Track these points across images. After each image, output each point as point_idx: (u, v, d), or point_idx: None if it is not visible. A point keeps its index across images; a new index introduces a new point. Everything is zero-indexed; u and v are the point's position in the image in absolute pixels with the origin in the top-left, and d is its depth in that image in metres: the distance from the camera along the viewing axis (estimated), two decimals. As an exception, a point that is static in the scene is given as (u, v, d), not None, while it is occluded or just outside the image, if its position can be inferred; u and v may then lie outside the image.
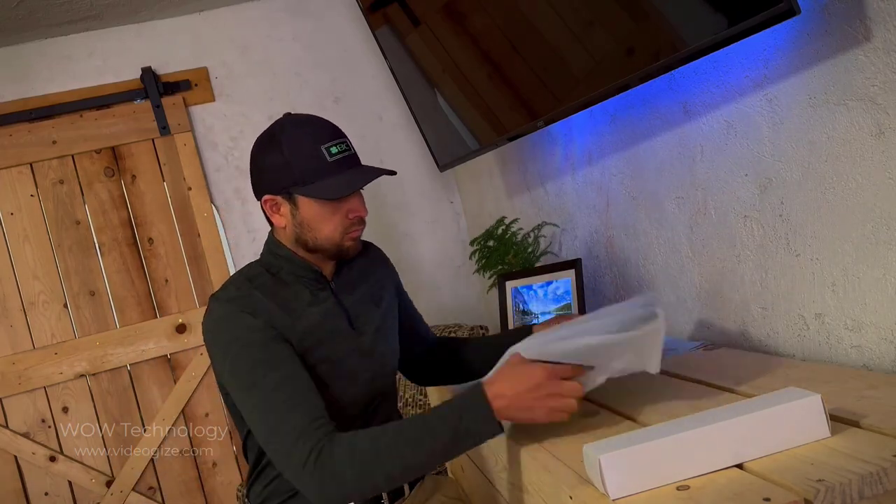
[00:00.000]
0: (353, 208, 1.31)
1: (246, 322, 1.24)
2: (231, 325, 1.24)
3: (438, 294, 3.02)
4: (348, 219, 1.31)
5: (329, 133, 1.30)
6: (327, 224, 1.30)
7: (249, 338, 1.23)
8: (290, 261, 1.34)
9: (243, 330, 1.23)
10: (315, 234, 1.30)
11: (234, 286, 1.30)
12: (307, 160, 1.26)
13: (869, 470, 0.78)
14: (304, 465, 1.11)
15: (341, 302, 1.37)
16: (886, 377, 1.09)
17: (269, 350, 1.23)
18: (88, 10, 2.52)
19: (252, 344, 1.23)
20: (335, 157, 1.27)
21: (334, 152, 1.28)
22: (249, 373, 1.21)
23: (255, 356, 1.22)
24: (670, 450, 0.88)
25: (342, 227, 1.31)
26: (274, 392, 1.18)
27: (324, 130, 1.30)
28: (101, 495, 2.63)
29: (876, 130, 1.09)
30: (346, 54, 2.92)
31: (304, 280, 1.34)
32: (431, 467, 1.14)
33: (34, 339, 2.62)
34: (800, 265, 1.31)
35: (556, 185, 2.19)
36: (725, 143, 1.43)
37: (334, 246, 1.32)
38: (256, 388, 1.20)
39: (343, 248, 1.33)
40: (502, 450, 1.28)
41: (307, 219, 1.30)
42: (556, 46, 1.64)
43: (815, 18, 1.14)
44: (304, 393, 1.19)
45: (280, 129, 1.30)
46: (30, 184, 2.64)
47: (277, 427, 1.16)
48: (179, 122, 2.75)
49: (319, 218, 1.29)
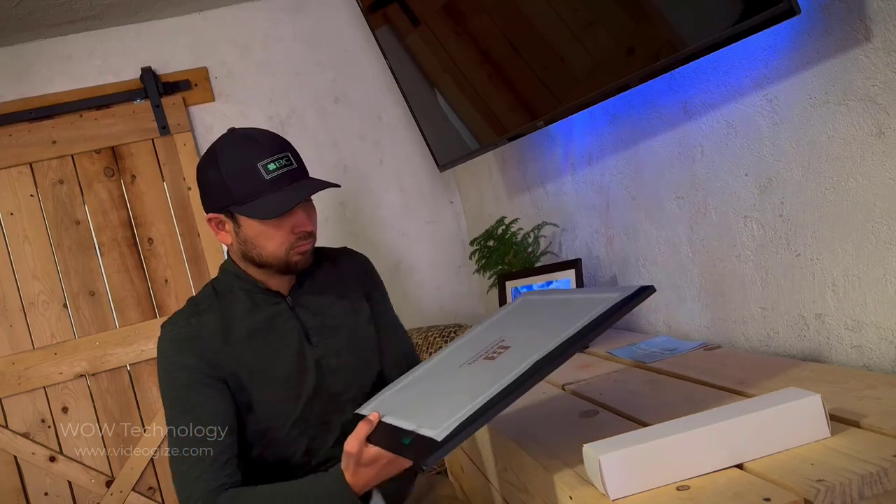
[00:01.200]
0: (297, 223, 1.28)
1: (178, 357, 1.28)
2: (166, 358, 1.29)
3: (438, 294, 3.02)
4: (293, 234, 1.28)
5: (268, 149, 1.27)
6: (271, 241, 1.28)
7: (178, 375, 1.27)
8: (239, 277, 1.35)
9: (175, 364, 1.28)
10: (260, 251, 1.29)
11: (175, 317, 1.33)
12: (243, 179, 1.25)
13: (869, 470, 0.78)
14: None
15: (297, 315, 1.36)
16: (886, 377, 1.09)
17: (193, 393, 1.26)
18: (88, 10, 2.52)
19: (178, 383, 1.27)
20: (273, 174, 1.25)
21: (272, 169, 1.25)
22: (171, 409, 1.27)
23: (178, 395, 1.27)
24: (670, 450, 0.88)
25: (287, 243, 1.29)
26: (183, 438, 1.24)
27: (262, 147, 1.27)
28: (101, 495, 2.63)
29: (876, 130, 1.09)
30: (346, 54, 2.92)
31: (255, 296, 1.35)
32: None
33: (34, 339, 2.62)
34: (800, 265, 1.31)
35: (556, 185, 2.19)
36: (725, 143, 1.43)
37: (280, 262, 1.30)
38: (172, 427, 1.26)
39: (291, 264, 1.31)
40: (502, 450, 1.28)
41: (250, 237, 1.29)
42: (556, 46, 1.64)
43: (815, 18, 1.14)
44: (209, 445, 1.23)
45: (219, 148, 1.29)
46: (29, 184, 2.64)
47: (177, 472, 1.24)
48: (179, 122, 2.74)
49: (262, 236, 1.28)
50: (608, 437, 0.94)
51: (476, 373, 1.05)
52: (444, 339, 2.48)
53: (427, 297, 3.00)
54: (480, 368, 1.06)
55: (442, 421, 0.93)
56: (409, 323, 2.94)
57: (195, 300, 1.36)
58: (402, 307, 3.00)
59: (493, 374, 0.99)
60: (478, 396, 0.94)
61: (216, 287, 1.37)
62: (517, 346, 1.06)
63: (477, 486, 1.59)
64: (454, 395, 1.01)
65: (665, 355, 1.52)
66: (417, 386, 1.16)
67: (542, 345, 0.99)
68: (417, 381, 1.18)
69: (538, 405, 1.39)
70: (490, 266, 2.27)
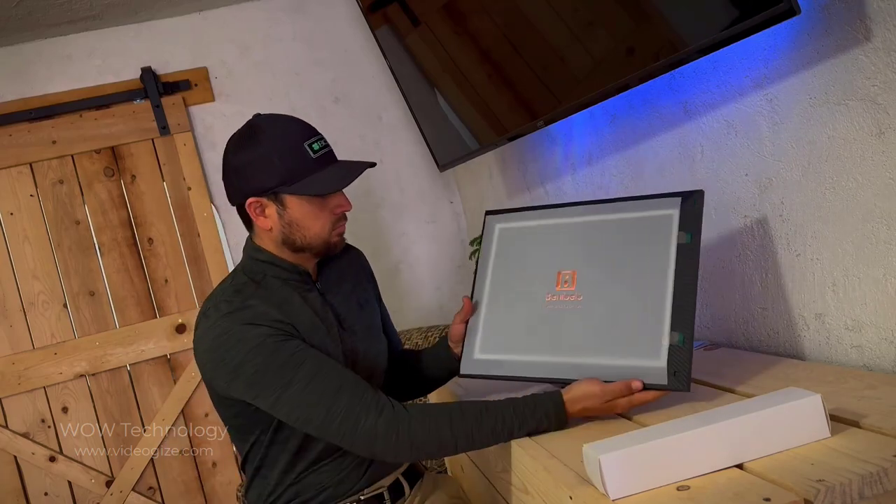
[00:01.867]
0: (339, 203, 1.31)
1: (252, 332, 1.21)
2: (239, 338, 1.21)
3: (438, 294, 3.02)
4: (335, 214, 1.31)
5: (308, 130, 1.30)
6: (316, 221, 1.29)
7: (263, 345, 1.20)
8: (273, 264, 1.33)
9: (254, 339, 1.21)
10: (304, 232, 1.30)
11: (225, 301, 1.26)
12: (293, 158, 1.25)
13: (869, 470, 0.78)
14: (375, 435, 1.17)
15: (329, 302, 1.37)
16: (886, 377, 1.09)
17: (287, 349, 1.21)
18: (88, 10, 2.52)
19: (269, 351, 1.20)
20: (318, 154, 1.28)
21: (316, 149, 1.28)
22: (280, 376, 1.20)
23: (278, 360, 1.20)
24: (670, 450, 0.88)
25: (330, 223, 1.31)
26: (312, 383, 1.19)
27: (303, 128, 1.30)
28: (101, 495, 2.63)
29: (876, 130, 1.09)
30: (346, 54, 2.92)
31: (290, 282, 1.33)
32: (490, 441, 1.19)
33: (34, 340, 2.62)
34: (800, 265, 1.31)
35: (556, 185, 2.19)
36: (725, 143, 1.43)
37: (323, 243, 1.32)
38: (294, 386, 1.19)
39: (331, 245, 1.33)
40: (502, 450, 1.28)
41: (296, 218, 1.29)
42: (556, 46, 1.63)
43: (815, 18, 1.14)
44: (339, 373, 1.22)
45: (258, 128, 1.28)
46: (29, 184, 2.64)
47: (331, 413, 1.18)
48: (179, 122, 2.74)
49: (309, 216, 1.29)
50: (608, 437, 0.94)
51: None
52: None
53: (427, 297, 3.00)
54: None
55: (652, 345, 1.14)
56: (410, 322, 2.94)
57: (235, 287, 1.30)
58: (402, 307, 3.01)
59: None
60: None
61: (248, 275, 1.32)
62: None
63: (477, 486, 1.59)
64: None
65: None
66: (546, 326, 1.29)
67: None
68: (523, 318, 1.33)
69: (538, 405, 1.39)
70: (490, 266, 2.26)
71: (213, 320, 1.24)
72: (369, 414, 1.17)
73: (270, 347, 1.21)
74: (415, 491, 1.46)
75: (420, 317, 2.96)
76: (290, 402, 1.20)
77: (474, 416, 1.18)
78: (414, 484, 1.46)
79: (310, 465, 1.33)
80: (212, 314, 1.25)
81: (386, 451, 1.19)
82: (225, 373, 1.24)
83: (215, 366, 1.25)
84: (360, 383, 1.21)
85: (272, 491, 1.36)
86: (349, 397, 1.18)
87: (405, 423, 1.17)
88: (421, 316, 2.97)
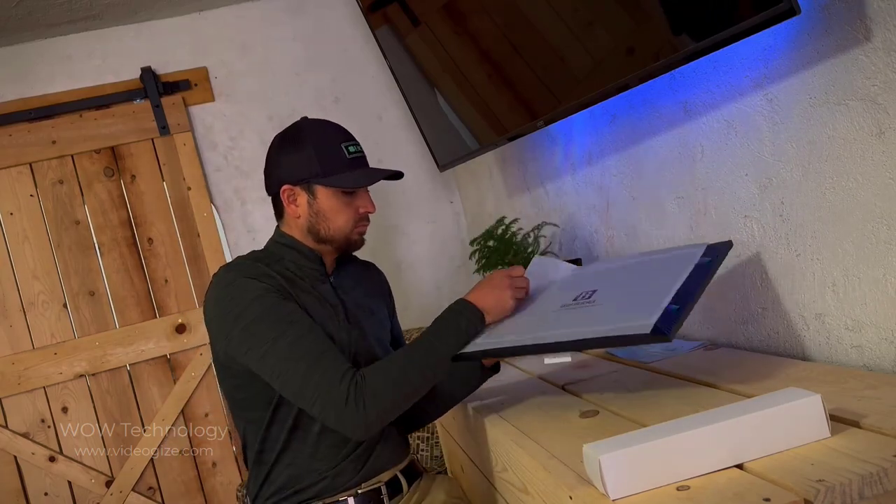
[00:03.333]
0: (363, 204, 1.42)
1: (256, 286, 1.31)
2: (243, 290, 1.31)
3: (438, 294, 3.02)
4: (359, 213, 1.42)
5: (346, 135, 1.43)
6: (341, 216, 1.40)
7: (264, 297, 1.30)
8: (294, 248, 1.43)
9: (256, 292, 1.30)
10: (329, 223, 1.40)
11: (237, 262, 1.38)
12: (330, 155, 1.38)
13: (869, 470, 0.78)
14: (346, 402, 1.22)
15: (339, 296, 1.44)
16: (886, 377, 1.09)
17: (285, 306, 1.30)
18: (88, 10, 2.52)
19: (267, 303, 1.30)
20: (353, 156, 1.41)
21: (352, 151, 1.41)
22: (271, 328, 1.28)
23: (274, 312, 1.29)
24: (670, 450, 0.88)
25: (353, 220, 1.41)
26: (300, 341, 1.27)
27: (342, 132, 1.44)
28: (101, 495, 2.63)
29: (876, 130, 1.09)
30: (346, 54, 2.92)
31: (305, 269, 1.42)
32: (442, 372, 1.30)
33: (34, 340, 2.62)
34: (800, 265, 1.31)
35: (556, 185, 2.19)
36: (725, 143, 1.43)
37: (344, 238, 1.41)
38: (282, 340, 1.27)
39: (351, 241, 1.43)
40: (502, 450, 1.28)
41: (324, 209, 1.39)
42: (556, 46, 1.63)
43: (815, 18, 1.14)
44: (326, 341, 1.29)
45: (304, 127, 1.42)
46: (29, 184, 2.64)
47: (310, 374, 1.25)
48: (179, 122, 2.74)
49: (335, 209, 1.39)
50: (608, 437, 0.94)
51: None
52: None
53: (427, 297, 3.00)
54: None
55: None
56: (410, 322, 2.93)
57: (255, 256, 1.42)
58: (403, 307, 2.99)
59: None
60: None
61: (265, 254, 1.43)
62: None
63: (477, 486, 1.59)
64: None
65: (665, 355, 1.52)
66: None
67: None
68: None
69: (538, 405, 1.39)
70: (490, 266, 2.26)
71: (222, 275, 1.36)
72: (343, 381, 1.23)
73: (270, 301, 1.30)
74: (413, 489, 1.46)
75: (420, 317, 2.96)
76: (277, 355, 1.27)
77: (410, 348, 1.30)
78: (412, 482, 1.47)
79: (308, 447, 1.36)
80: (222, 270, 1.37)
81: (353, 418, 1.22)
82: (226, 323, 1.32)
83: (219, 317, 1.33)
84: (340, 355, 1.28)
85: (269, 474, 1.39)
86: (329, 362, 1.25)
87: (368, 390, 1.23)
88: (421, 316, 2.96)
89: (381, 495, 1.40)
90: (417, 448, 2.42)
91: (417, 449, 2.41)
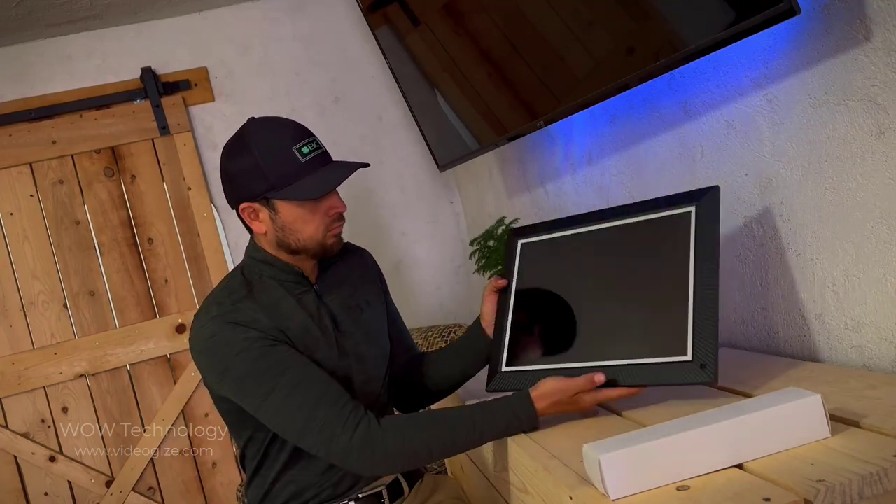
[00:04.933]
0: (332, 205, 1.31)
1: (240, 336, 1.23)
2: (226, 342, 1.24)
3: (438, 294, 3.02)
4: (329, 216, 1.31)
5: (298, 133, 1.29)
6: (309, 224, 1.30)
7: (249, 350, 1.23)
8: (270, 265, 1.34)
9: (240, 343, 1.23)
10: (297, 235, 1.30)
11: (216, 304, 1.29)
12: (281, 163, 1.25)
13: (869, 470, 0.78)
14: (350, 451, 1.17)
15: (325, 304, 1.37)
16: (886, 377, 1.09)
17: (272, 356, 1.23)
18: (88, 10, 2.52)
19: (253, 356, 1.23)
20: (308, 157, 1.27)
21: (306, 152, 1.27)
22: (261, 382, 1.22)
23: (262, 366, 1.23)
24: (670, 450, 0.88)
25: (324, 225, 1.31)
26: (293, 392, 1.20)
27: (293, 131, 1.29)
28: (101, 495, 2.63)
29: (876, 130, 1.09)
30: (346, 54, 2.92)
31: (286, 283, 1.34)
32: (464, 446, 1.21)
33: (34, 339, 2.62)
34: (800, 265, 1.31)
35: (556, 185, 2.19)
36: (725, 143, 1.43)
37: (318, 245, 1.32)
38: (275, 393, 1.21)
39: (327, 246, 1.33)
40: (502, 450, 1.28)
41: (288, 222, 1.29)
42: (556, 46, 1.63)
43: (815, 18, 1.14)
44: (322, 383, 1.22)
45: (248, 134, 1.29)
46: (29, 184, 2.64)
47: (309, 424, 1.19)
48: (179, 122, 2.74)
49: (300, 219, 1.29)
50: (608, 437, 0.94)
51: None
52: (443, 339, 2.48)
53: (427, 297, 3.00)
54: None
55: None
56: (409, 323, 2.93)
57: (229, 289, 1.32)
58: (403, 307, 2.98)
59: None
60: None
61: (245, 275, 1.35)
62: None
63: (477, 486, 1.59)
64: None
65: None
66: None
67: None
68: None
69: (538, 405, 1.39)
70: (490, 266, 2.26)
71: (203, 322, 1.27)
72: (346, 429, 1.18)
73: (255, 353, 1.23)
74: (414, 491, 1.46)
75: (420, 317, 2.96)
76: (271, 410, 1.22)
77: (446, 422, 1.20)
78: (413, 484, 1.46)
79: (308, 463, 1.34)
80: (202, 315, 1.28)
81: (361, 467, 1.20)
82: (214, 375, 1.27)
83: (206, 367, 1.29)
84: (342, 396, 1.22)
85: (270, 489, 1.37)
86: (328, 409, 1.19)
87: (379, 440, 1.18)
88: (421, 316, 2.97)
89: (381, 499, 1.39)
90: (417, 448, 2.41)
91: (417, 449, 2.41)
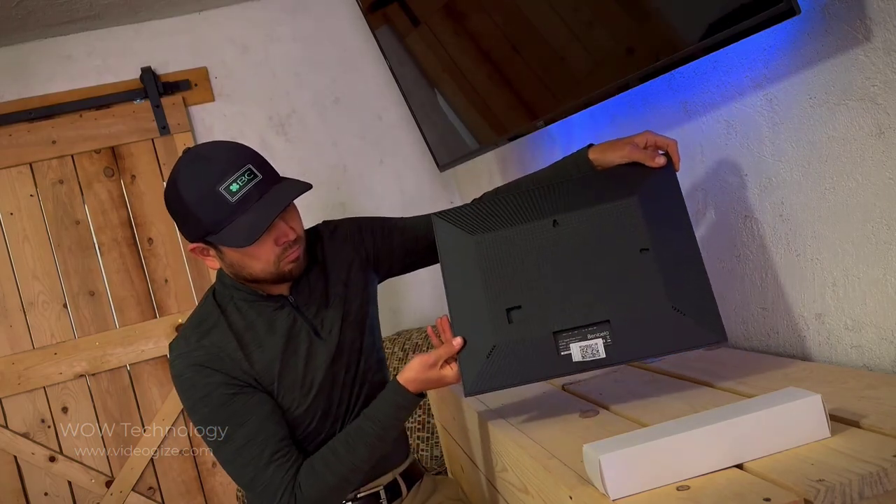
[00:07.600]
0: (279, 235, 1.23)
1: (203, 382, 1.26)
2: (191, 384, 1.27)
3: (438, 294, 3.01)
4: (278, 245, 1.24)
5: (226, 169, 1.18)
6: (258, 261, 1.24)
7: (210, 397, 1.26)
8: (238, 289, 1.33)
9: (203, 388, 1.26)
10: (249, 269, 1.26)
11: (184, 339, 1.30)
12: (210, 208, 1.18)
13: (869, 470, 0.78)
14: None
15: (303, 314, 1.35)
16: (886, 377, 1.09)
17: (233, 405, 1.26)
18: (88, 10, 2.52)
19: (214, 403, 1.26)
20: (238, 195, 1.18)
21: (235, 189, 1.18)
22: (220, 430, 1.26)
23: (222, 415, 1.26)
24: (670, 450, 0.88)
25: (274, 256, 1.24)
26: (247, 447, 1.25)
27: (220, 168, 1.18)
28: (101, 495, 2.63)
29: (876, 130, 1.09)
30: (346, 54, 2.92)
31: (257, 305, 1.33)
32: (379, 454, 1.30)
33: (34, 339, 2.62)
34: (800, 265, 1.31)
35: (555, 185, 2.18)
36: (725, 143, 1.43)
37: (273, 276, 1.27)
38: (231, 443, 1.26)
39: (284, 273, 1.27)
40: (502, 450, 1.28)
41: (235, 261, 1.26)
42: (556, 46, 1.63)
43: (815, 18, 1.14)
44: (274, 443, 1.26)
45: (177, 176, 1.22)
46: (29, 184, 2.64)
47: (254, 482, 1.25)
48: (179, 122, 2.74)
49: (247, 257, 1.24)
50: (608, 437, 0.94)
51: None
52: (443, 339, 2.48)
53: (426, 298, 2.99)
54: None
55: None
56: (409, 322, 2.94)
57: (199, 317, 1.32)
58: (402, 307, 3.01)
59: None
60: None
61: (217, 299, 1.34)
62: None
63: (477, 486, 1.59)
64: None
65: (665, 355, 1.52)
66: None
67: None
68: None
69: (538, 405, 1.39)
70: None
71: (173, 357, 1.30)
72: (285, 494, 1.23)
73: (217, 400, 1.26)
74: (414, 492, 1.46)
75: (420, 317, 2.96)
76: (224, 457, 1.28)
77: (346, 447, 1.26)
78: (412, 485, 1.46)
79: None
80: (174, 348, 1.30)
81: None
82: (185, 407, 1.31)
83: (179, 396, 1.32)
84: (290, 455, 1.26)
85: None
86: (275, 471, 1.24)
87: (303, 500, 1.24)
88: (420, 316, 2.97)
89: (379, 499, 1.39)
90: (417, 448, 2.42)
91: (417, 449, 2.41)
